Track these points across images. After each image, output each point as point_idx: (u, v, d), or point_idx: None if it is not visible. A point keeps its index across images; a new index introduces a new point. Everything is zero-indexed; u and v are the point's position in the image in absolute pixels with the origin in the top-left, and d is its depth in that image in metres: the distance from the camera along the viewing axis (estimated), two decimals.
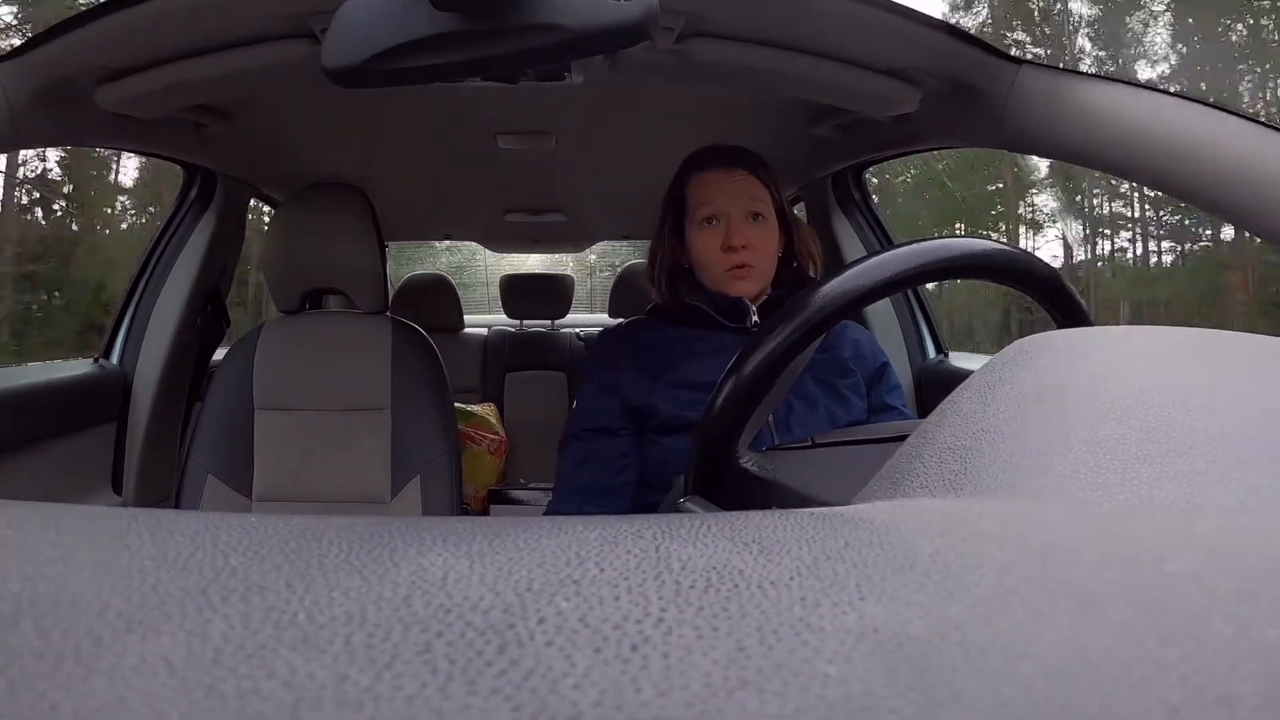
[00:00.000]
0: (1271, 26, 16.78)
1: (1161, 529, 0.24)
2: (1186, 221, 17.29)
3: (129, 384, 2.06)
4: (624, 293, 3.23)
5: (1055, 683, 0.15)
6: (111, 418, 2.03)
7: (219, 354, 2.23)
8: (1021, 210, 18.94)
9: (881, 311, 2.17)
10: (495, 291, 3.67)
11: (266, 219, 2.96)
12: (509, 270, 3.95)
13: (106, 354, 2.09)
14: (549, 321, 3.58)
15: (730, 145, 1.42)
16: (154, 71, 1.27)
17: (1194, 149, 0.97)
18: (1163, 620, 0.17)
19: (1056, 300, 0.81)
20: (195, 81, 1.30)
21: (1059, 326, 0.80)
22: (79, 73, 1.25)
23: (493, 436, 2.90)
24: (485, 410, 2.99)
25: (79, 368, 2.03)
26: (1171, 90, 1.01)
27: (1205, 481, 0.29)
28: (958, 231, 14.39)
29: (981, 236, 1.06)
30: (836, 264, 1.63)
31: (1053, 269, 0.82)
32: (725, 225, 1.33)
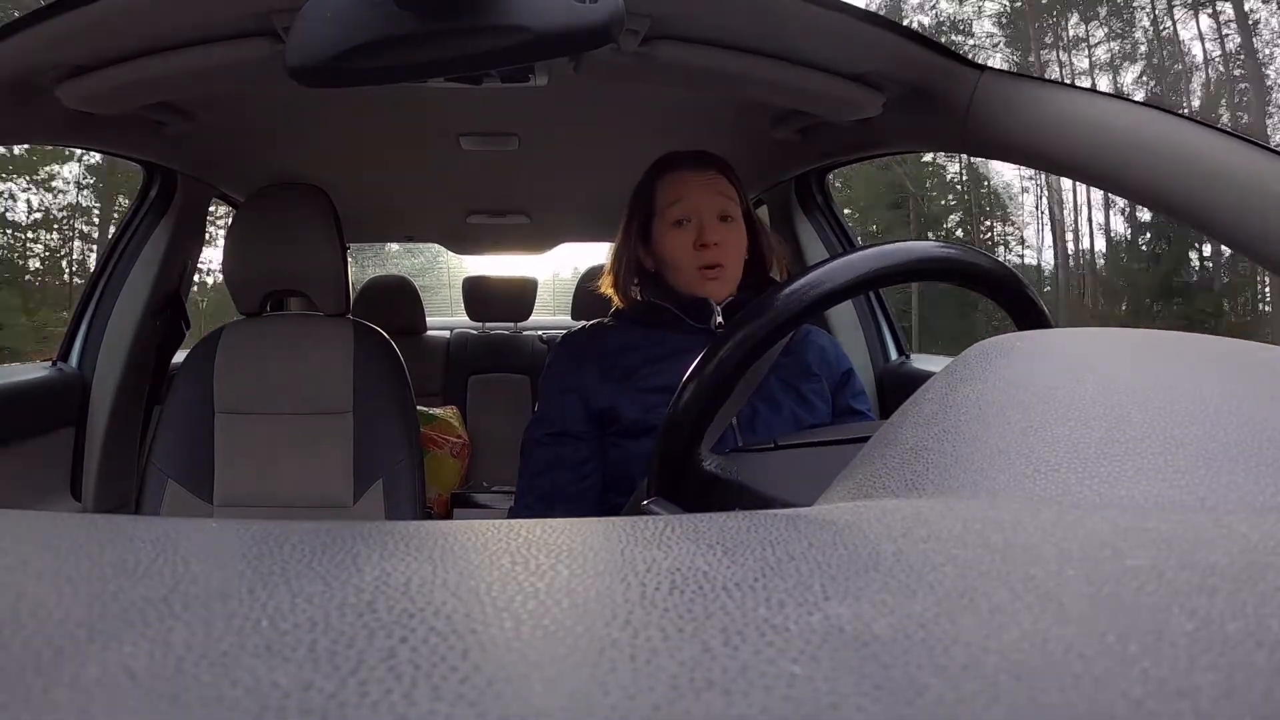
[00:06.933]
0: None
1: (1121, 526, 0.24)
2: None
3: (88, 387, 2.03)
4: (586, 295, 3.22)
5: (1018, 678, 0.15)
6: (70, 422, 1.99)
7: (179, 356, 2.19)
8: None
9: (844, 314, 2.19)
10: (458, 294, 3.65)
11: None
12: (471, 272, 3.92)
13: (64, 357, 2.05)
14: (512, 324, 3.55)
15: (700, 150, 1.42)
16: (116, 68, 1.25)
17: (1152, 154, 0.99)
18: (1123, 615, 0.17)
19: (1016, 302, 0.82)
20: (157, 79, 1.29)
21: (1019, 328, 0.80)
22: (40, 69, 1.23)
23: (455, 440, 2.88)
24: (448, 413, 2.97)
25: (36, 371, 1.99)
26: (1131, 97, 1.03)
27: (1164, 480, 0.29)
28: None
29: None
30: (799, 267, 1.64)
31: (1012, 271, 0.83)
32: (697, 224, 1.33)
